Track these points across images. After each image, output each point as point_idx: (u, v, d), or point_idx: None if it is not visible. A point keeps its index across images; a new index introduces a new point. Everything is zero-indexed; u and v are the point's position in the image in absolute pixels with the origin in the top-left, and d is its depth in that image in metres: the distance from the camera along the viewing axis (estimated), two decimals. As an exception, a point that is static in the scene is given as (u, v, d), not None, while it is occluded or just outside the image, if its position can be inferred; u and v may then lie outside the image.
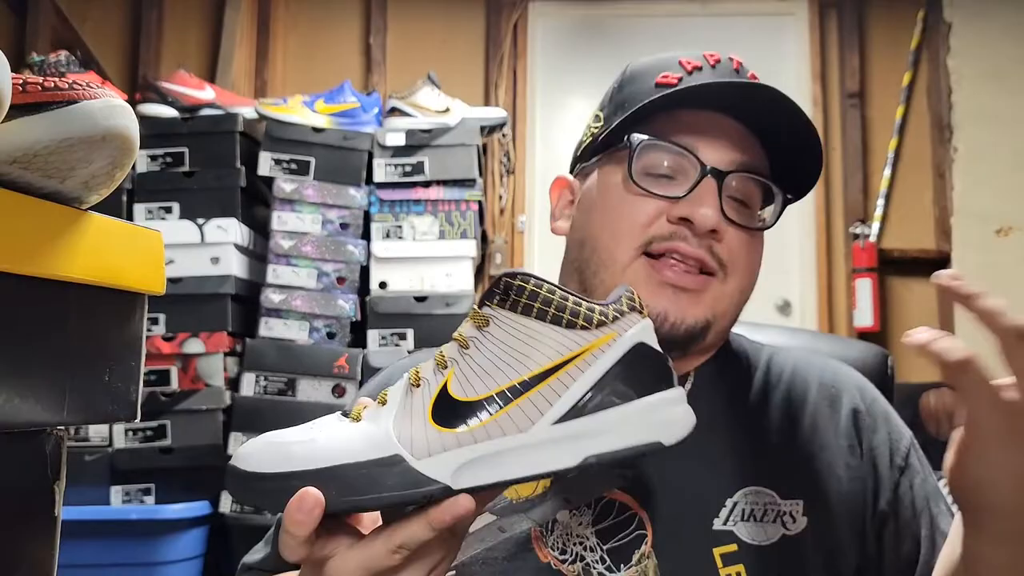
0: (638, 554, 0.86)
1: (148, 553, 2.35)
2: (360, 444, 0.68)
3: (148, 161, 2.69)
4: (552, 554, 0.87)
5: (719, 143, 0.93)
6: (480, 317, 0.70)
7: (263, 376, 2.59)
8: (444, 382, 0.70)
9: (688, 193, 0.91)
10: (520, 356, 0.69)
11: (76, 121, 0.60)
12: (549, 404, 0.68)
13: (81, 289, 0.66)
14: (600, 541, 0.87)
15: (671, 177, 0.93)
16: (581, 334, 0.69)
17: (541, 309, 0.69)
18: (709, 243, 0.91)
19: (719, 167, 0.91)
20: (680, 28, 3.52)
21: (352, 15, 3.57)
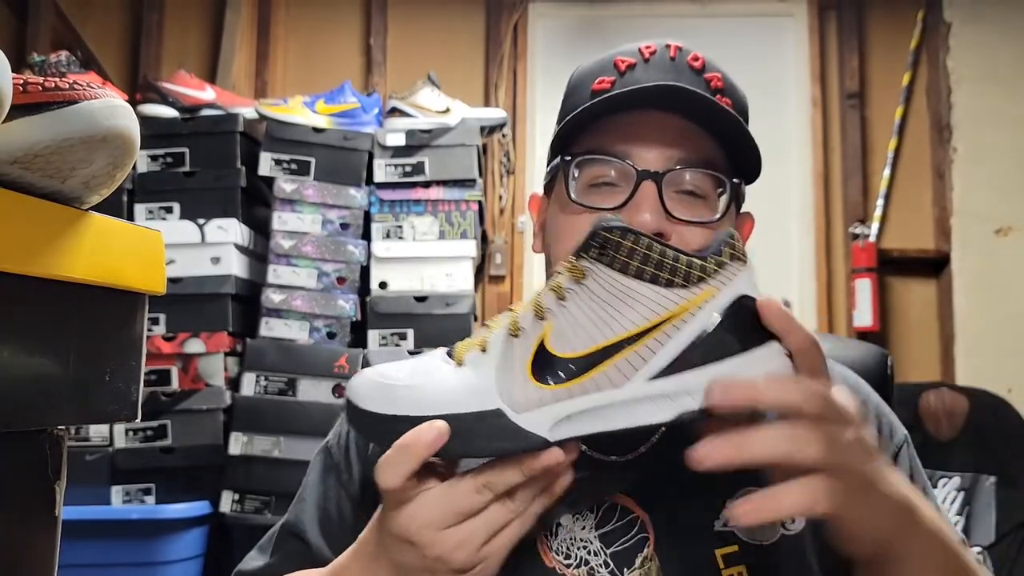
0: (641, 557, 0.86)
1: (148, 553, 2.35)
2: (463, 395, 0.70)
3: (149, 161, 2.69)
4: (556, 558, 0.87)
5: (655, 144, 0.91)
6: (577, 269, 0.70)
7: (263, 376, 2.59)
8: (542, 336, 0.71)
9: (627, 201, 0.90)
10: (617, 315, 0.69)
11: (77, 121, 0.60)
12: (644, 361, 0.69)
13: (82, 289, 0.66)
14: (603, 545, 0.87)
15: (614, 184, 0.92)
16: (680, 292, 0.69)
17: (638, 268, 0.69)
18: None
19: (656, 169, 0.90)
20: (679, 29, 3.52)
21: (352, 16, 3.57)
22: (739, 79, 1.01)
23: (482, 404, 0.70)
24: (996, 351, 3.16)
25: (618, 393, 0.69)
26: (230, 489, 2.51)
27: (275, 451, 2.53)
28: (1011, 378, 3.07)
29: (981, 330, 3.18)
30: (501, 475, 0.69)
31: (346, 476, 1.01)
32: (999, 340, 3.16)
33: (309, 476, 1.04)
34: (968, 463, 2.71)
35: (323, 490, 1.02)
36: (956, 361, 3.19)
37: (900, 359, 3.18)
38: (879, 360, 1.32)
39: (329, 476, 1.02)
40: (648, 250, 0.69)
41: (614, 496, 0.89)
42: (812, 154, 3.44)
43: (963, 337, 3.19)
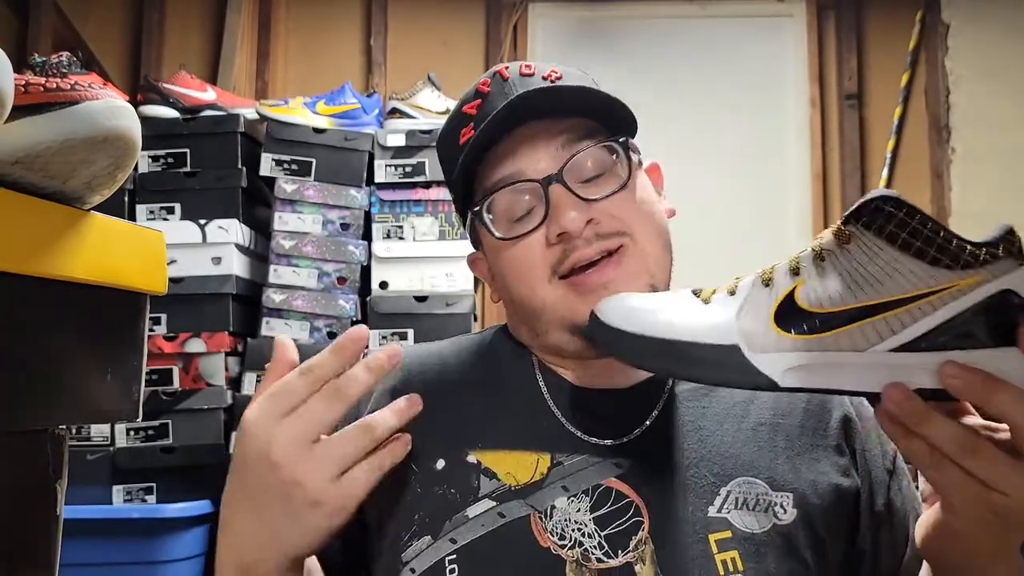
0: (635, 540, 0.87)
1: (149, 552, 2.35)
2: (705, 327, 0.74)
3: (150, 162, 2.69)
4: (551, 539, 0.88)
5: (538, 151, 0.94)
6: (843, 233, 0.71)
7: (264, 376, 2.60)
8: (793, 288, 0.72)
9: (547, 212, 0.93)
10: (875, 282, 0.69)
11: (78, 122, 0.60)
12: (892, 332, 0.69)
13: (83, 289, 0.66)
14: (598, 528, 0.88)
15: (529, 208, 0.95)
16: (944, 272, 0.68)
17: (907, 240, 0.68)
18: (593, 232, 0.92)
19: (551, 171, 0.93)
20: (679, 29, 3.52)
21: (353, 17, 3.57)
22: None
23: (721, 338, 0.73)
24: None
25: (857, 356, 0.69)
26: (231, 488, 2.51)
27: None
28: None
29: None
30: (320, 359, 0.81)
31: None
32: (998, 340, 3.16)
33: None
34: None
35: None
36: (955, 361, 3.18)
37: (899, 359, 3.17)
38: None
39: None
40: (921, 224, 0.68)
41: (608, 480, 0.91)
42: (810, 154, 3.44)
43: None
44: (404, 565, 0.89)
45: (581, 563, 0.87)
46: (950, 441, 0.67)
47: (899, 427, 0.69)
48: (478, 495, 0.91)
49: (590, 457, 0.92)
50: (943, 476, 0.69)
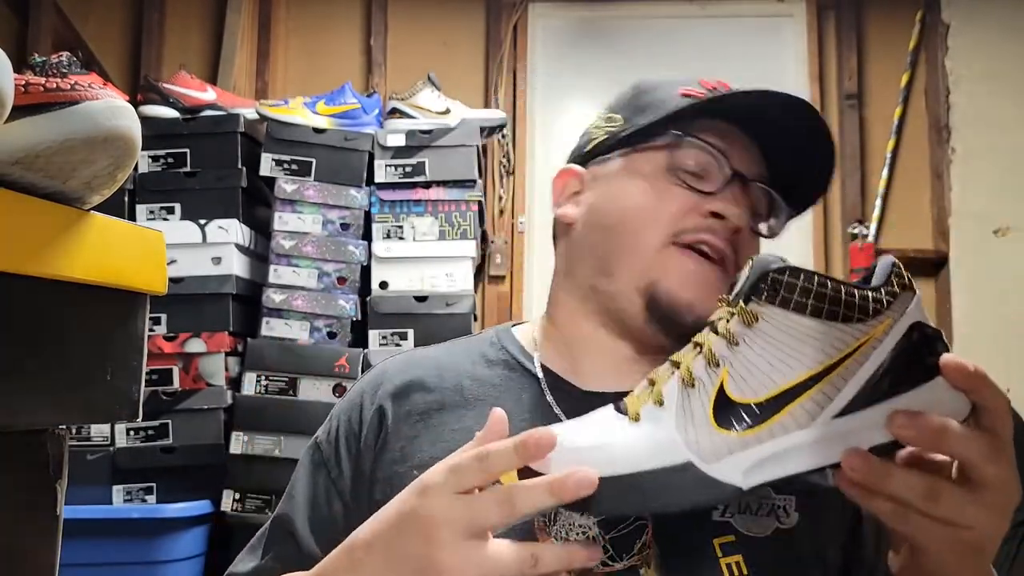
0: (639, 544, 0.87)
1: (149, 552, 2.35)
2: (650, 451, 0.70)
3: (150, 162, 2.69)
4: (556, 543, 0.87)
5: (743, 153, 0.99)
6: (748, 314, 0.71)
7: (264, 376, 2.60)
8: (720, 383, 0.71)
9: (718, 192, 0.96)
10: (797, 355, 0.69)
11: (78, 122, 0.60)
12: (829, 399, 0.68)
13: (83, 289, 0.66)
14: (603, 531, 0.88)
15: (700, 176, 0.97)
16: (857, 327, 0.68)
17: (814, 305, 0.69)
18: (731, 240, 0.96)
19: (746, 175, 0.98)
20: (679, 29, 3.52)
21: (353, 17, 3.57)
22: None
23: (672, 459, 0.69)
24: (994, 351, 3.15)
25: (806, 434, 0.69)
26: (231, 488, 2.52)
27: (276, 450, 2.53)
28: (1009, 378, 3.06)
29: (979, 330, 3.18)
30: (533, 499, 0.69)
31: (336, 472, 1.01)
32: (997, 340, 3.16)
33: (298, 472, 1.05)
34: (967, 463, 2.71)
35: (312, 487, 1.02)
36: (955, 361, 3.18)
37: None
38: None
39: (319, 473, 1.02)
40: (823, 287, 0.69)
41: None
42: (811, 154, 3.44)
43: (961, 337, 3.19)
44: None
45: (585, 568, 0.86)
46: (913, 492, 0.67)
47: (861, 490, 0.69)
48: None
49: None
50: (911, 526, 0.69)
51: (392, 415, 1.01)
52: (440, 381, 1.02)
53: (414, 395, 1.02)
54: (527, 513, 0.71)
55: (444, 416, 0.98)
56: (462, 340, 1.12)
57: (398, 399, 1.02)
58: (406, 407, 1.01)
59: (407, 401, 1.01)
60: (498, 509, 0.70)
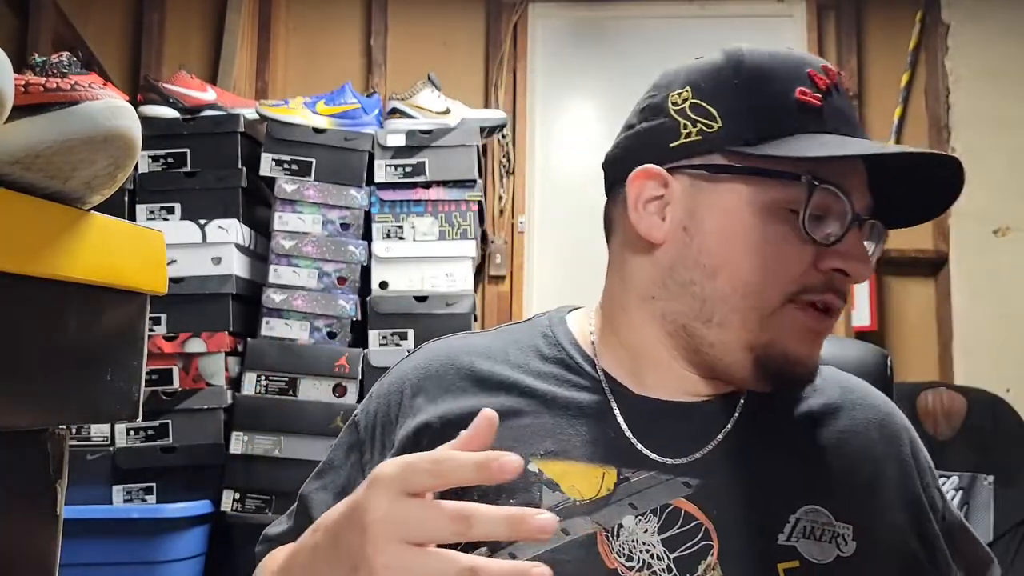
0: (704, 565, 0.84)
1: (149, 552, 2.35)
2: None
3: (150, 162, 2.69)
4: (618, 560, 0.85)
5: (858, 186, 0.88)
6: None
7: (264, 375, 2.60)
8: None
9: (839, 241, 0.86)
10: None
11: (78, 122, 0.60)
12: None
13: (83, 289, 0.66)
14: (667, 549, 0.85)
15: (819, 218, 0.86)
16: None
17: None
18: (845, 293, 0.89)
19: (862, 213, 0.88)
20: (679, 29, 3.52)
21: (353, 17, 3.57)
22: None
23: None
24: (994, 351, 3.16)
25: None
26: (231, 488, 2.52)
27: (276, 450, 2.53)
28: (1009, 378, 3.07)
29: (979, 330, 3.18)
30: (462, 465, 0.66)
31: (368, 456, 0.97)
32: (997, 340, 3.16)
33: (336, 452, 1.02)
34: (966, 463, 2.71)
35: (347, 468, 0.99)
36: (954, 361, 3.19)
37: (898, 359, 3.18)
38: (879, 360, 1.32)
39: (352, 453, 1.00)
40: None
41: (678, 500, 0.87)
42: (811, 154, 3.44)
43: (961, 337, 3.19)
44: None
45: None
46: None
47: None
48: (540, 508, 0.83)
49: (658, 475, 0.88)
50: None
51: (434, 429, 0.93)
52: (493, 374, 0.96)
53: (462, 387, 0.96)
54: (478, 537, 0.66)
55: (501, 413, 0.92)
56: (512, 328, 1.05)
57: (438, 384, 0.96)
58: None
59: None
60: (446, 526, 0.65)
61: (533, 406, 0.93)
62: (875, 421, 0.96)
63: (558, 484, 0.87)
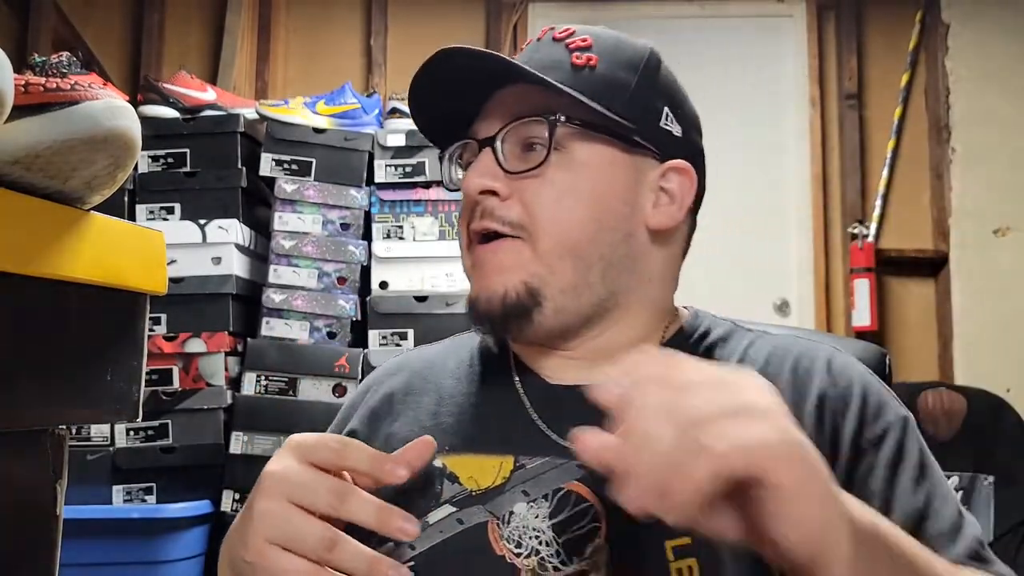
0: (591, 547, 0.83)
1: (149, 552, 2.35)
2: None
3: (150, 162, 2.69)
4: (507, 547, 0.85)
5: (494, 116, 0.94)
6: None
7: (264, 376, 2.60)
8: None
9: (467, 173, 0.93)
10: None
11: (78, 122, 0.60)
12: None
13: (83, 289, 0.66)
14: (556, 535, 0.84)
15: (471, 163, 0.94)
16: None
17: None
18: (493, 209, 0.90)
19: (489, 135, 0.92)
20: (679, 29, 3.52)
21: (353, 17, 3.57)
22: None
23: None
24: (994, 351, 3.16)
25: None
26: (231, 488, 2.51)
27: (275, 450, 2.53)
28: (1009, 378, 3.08)
29: (979, 330, 3.19)
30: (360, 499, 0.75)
31: None
32: (997, 340, 3.16)
33: None
34: (966, 463, 2.71)
35: None
36: (954, 361, 3.19)
37: (898, 359, 3.18)
38: (878, 359, 1.32)
39: None
40: None
41: (570, 483, 0.86)
42: (810, 154, 3.44)
43: (961, 337, 3.19)
44: None
45: (537, 572, 0.83)
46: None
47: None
48: (439, 500, 0.88)
49: (554, 459, 0.88)
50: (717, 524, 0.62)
51: (364, 428, 1.00)
52: (428, 381, 1.01)
53: (403, 398, 1.01)
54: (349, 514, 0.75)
55: (427, 416, 0.97)
56: (460, 335, 1.10)
57: (394, 400, 1.01)
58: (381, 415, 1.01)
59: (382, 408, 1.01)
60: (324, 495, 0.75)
61: (452, 406, 0.97)
62: (794, 388, 0.90)
63: (458, 476, 0.90)
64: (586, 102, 0.89)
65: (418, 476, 0.85)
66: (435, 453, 0.88)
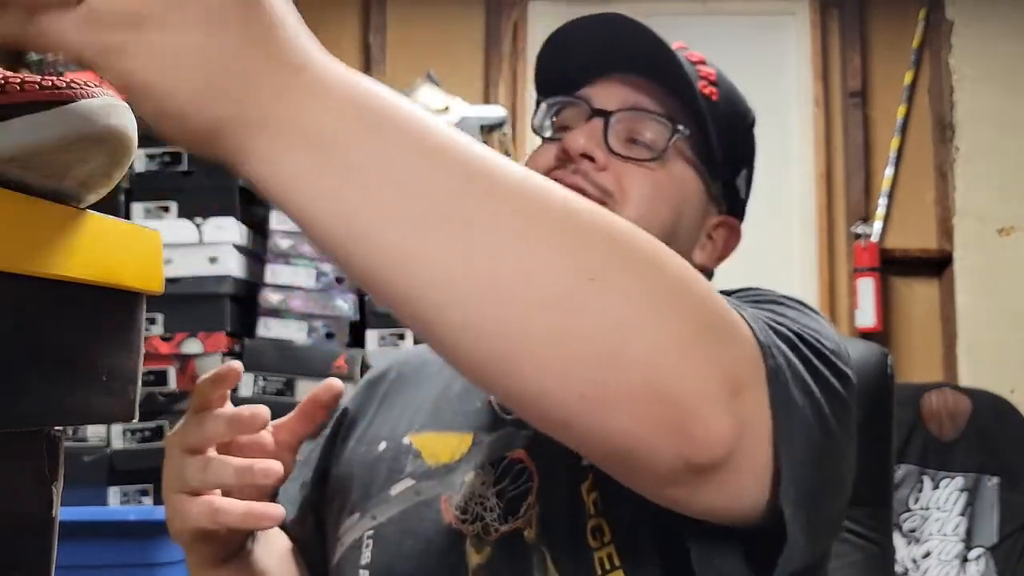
0: (525, 504, 0.86)
1: (146, 554, 2.34)
2: None
3: (146, 160, 2.68)
4: (455, 514, 0.88)
5: (615, 91, 0.97)
6: None
7: (262, 376, 2.59)
8: None
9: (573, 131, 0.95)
10: None
11: (74, 120, 0.59)
12: None
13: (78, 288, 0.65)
14: (499, 500, 0.88)
15: (568, 128, 0.97)
16: None
17: None
18: (587, 171, 0.92)
19: (606, 108, 0.95)
20: (681, 27, 3.51)
21: (351, 14, 3.57)
22: (741, 78, 1.07)
23: None
24: (998, 351, 3.16)
25: None
26: (229, 490, 2.51)
27: (274, 452, 2.52)
28: (1013, 379, 3.07)
29: (983, 330, 3.18)
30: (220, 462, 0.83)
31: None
32: (1001, 340, 3.16)
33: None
34: (970, 464, 2.71)
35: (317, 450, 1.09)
36: (958, 361, 3.19)
37: (902, 359, 3.18)
38: (879, 359, 1.32)
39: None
40: None
41: (514, 452, 0.90)
42: (814, 153, 3.44)
43: (965, 337, 3.19)
44: (337, 540, 0.95)
45: (481, 536, 0.86)
46: None
47: None
48: (402, 474, 0.93)
49: (506, 432, 0.92)
50: None
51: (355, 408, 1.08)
52: (411, 367, 1.08)
53: (387, 384, 1.08)
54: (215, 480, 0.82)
55: (404, 399, 1.03)
56: None
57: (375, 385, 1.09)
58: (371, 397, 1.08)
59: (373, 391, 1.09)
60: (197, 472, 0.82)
61: (427, 389, 1.02)
62: None
63: (420, 452, 0.95)
64: (709, 130, 0.96)
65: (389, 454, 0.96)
66: (405, 431, 0.98)
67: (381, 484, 0.94)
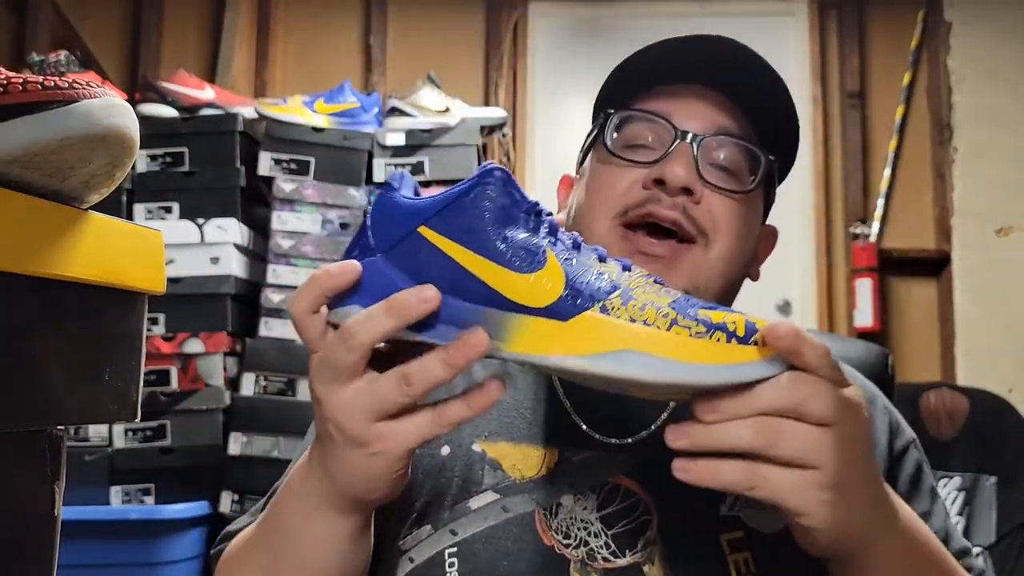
0: (643, 540, 0.85)
1: (148, 553, 2.34)
2: None
3: (148, 161, 2.68)
4: (556, 538, 0.85)
5: (697, 110, 0.92)
6: None
7: (263, 376, 2.59)
8: None
9: (662, 157, 0.90)
10: None
11: (76, 120, 0.60)
12: None
13: (81, 289, 0.65)
14: (605, 527, 0.85)
15: (650, 147, 0.92)
16: None
17: None
18: (684, 205, 0.89)
19: (696, 132, 0.91)
20: (680, 28, 3.48)
21: (352, 15, 3.57)
22: None
23: None
24: (996, 351, 3.16)
25: None
26: (229, 489, 2.51)
27: (274, 451, 2.52)
28: (1011, 378, 3.07)
29: (981, 330, 3.18)
30: (425, 368, 0.64)
31: None
32: (999, 340, 3.16)
33: (306, 441, 1.01)
34: (969, 463, 2.71)
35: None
36: (957, 361, 3.19)
37: (901, 359, 3.18)
38: (879, 359, 1.32)
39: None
40: None
41: (617, 478, 0.88)
42: (813, 153, 3.44)
43: (963, 337, 3.19)
44: (403, 553, 0.87)
45: (586, 563, 0.84)
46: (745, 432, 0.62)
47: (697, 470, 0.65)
48: (481, 486, 0.88)
49: (598, 454, 0.89)
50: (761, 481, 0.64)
51: None
52: None
53: None
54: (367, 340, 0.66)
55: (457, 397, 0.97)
56: None
57: None
58: None
59: None
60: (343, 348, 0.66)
61: None
62: None
63: (500, 463, 0.89)
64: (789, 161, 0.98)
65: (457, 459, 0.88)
66: (472, 436, 0.90)
67: (455, 495, 0.88)
